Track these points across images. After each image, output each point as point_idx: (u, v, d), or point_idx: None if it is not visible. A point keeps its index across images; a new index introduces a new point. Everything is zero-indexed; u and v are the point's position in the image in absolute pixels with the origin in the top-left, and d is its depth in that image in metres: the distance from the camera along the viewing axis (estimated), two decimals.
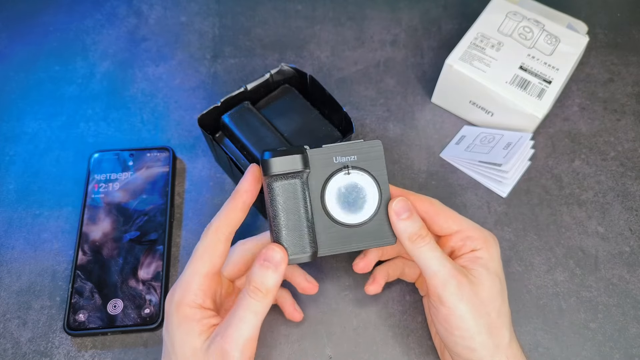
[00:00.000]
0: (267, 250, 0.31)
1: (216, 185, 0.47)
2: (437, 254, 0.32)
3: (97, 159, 0.47)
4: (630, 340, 0.40)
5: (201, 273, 0.32)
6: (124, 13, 0.58)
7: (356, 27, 0.58)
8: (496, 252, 0.35)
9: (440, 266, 0.32)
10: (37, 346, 0.40)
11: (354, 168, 0.33)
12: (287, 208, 0.32)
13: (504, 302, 0.33)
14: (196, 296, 0.31)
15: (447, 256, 0.32)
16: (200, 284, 0.32)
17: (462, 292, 0.31)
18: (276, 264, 0.31)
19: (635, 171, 0.48)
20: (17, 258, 0.43)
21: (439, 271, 0.32)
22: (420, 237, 0.32)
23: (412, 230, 0.32)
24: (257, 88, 0.47)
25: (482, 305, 0.32)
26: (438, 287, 0.32)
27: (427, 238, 0.32)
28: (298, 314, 0.39)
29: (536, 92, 0.46)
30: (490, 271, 0.33)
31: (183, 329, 0.31)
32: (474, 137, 0.49)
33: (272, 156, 0.31)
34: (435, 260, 0.32)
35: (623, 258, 0.44)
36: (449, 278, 0.31)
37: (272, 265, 0.31)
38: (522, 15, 0.50)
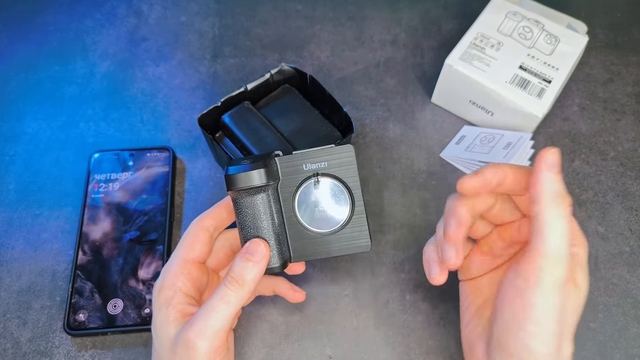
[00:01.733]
0: (250, 243, 0.31)
1: (216, 185, 0.47)
2: (567, 231, 0.26)
3: (97, 159, 0.47)
4: (630, 340, 0.40)
5: (182, 257, 0.33)
6: (124, 13, 0.58)
7: (356, 27, 0.58)
8: (587, 250, 0.30)
9: (563, 246, 0.26)
10: (37, 346, 0.40)
11: (324, 175, 0.32)
12: (254, 221, 0.32)
13: (576, 316, 0.29)
14: (176, 278, 0.32)
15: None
16: (181, 268, 0.32)
17: (564, 288, 0.27)
18: (258, 258, 0.31)
19: (635, 171, 0.48)
20: (17, 258, 0.43)
21: (558, 251, 0.26)
22: (567, 201, 0.27)
23: (559, 189, 0.27)
24: (257, 88, 0.47)
25: (570, 311, 0.28)
26: (546, 269, 0.26)
27: (570, 205, 0.27)
28: (300, 294, 0.38)
29: (536, 92, 0.46)
30: (586, 275, 0.29)
31: (162, 314, 0.31)
32: (474, 137, 0.49)
33: (235, 172, 0.31)
34: (561, 237, 0.26)
35: (623, 258, 0.44)
36: (563, 265, 0.26)
37: (253, 258, 0.31)
38: (522, 15, 0.50)
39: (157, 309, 0.32)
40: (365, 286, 0.42)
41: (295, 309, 0.41)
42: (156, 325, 0.32)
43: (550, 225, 0.26)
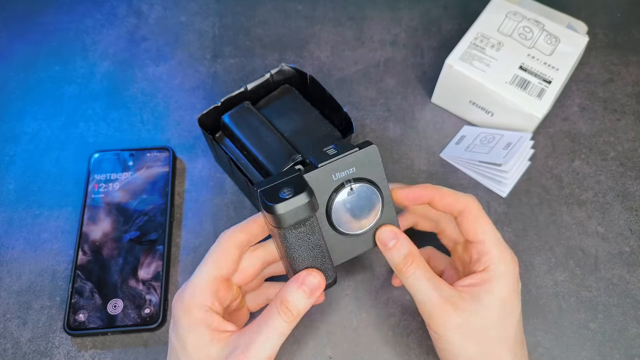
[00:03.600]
0: (307, 276, 0.30)
1: (216, 185, 0.47)
2: (424, 282, 0.31)
3: (97, 159, 0.47)
4: (630, 340, 0.40)
5: (213, 276, 0.31)
6: (124, 13, 0.58)
7: (356, 27, 0.58)
8: (511, 276, 0.32)
9: (427, 296, 0.31)
10: (37, 346, 0.40)
11: (355, 181, 0.32)
12: (305, 250, 0.31)
13: (507, 328, 0.32)
14: (206, 299, 0.31)
15: (437, 281, 0.32)
16: (211, 287, 0.31)
17: (449, 321, 0.31)
18: (313, 289, 0.30)
19: (635, 171, 0.48)
20: (17, 258, 0.43)
21: (425, 301, 0.31)
22: (406, 265, 0.32)
23: (397, 260, 0.32)
24: (257, 88, 0.47)
25: (474, 333, 0.31)
26: (424, 316, 0.32)
27: (413, 265, 0.32)
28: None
29: (536, 92, 0.46)
30: (495, 297, 0.32)
31: (195, 334, 0.30)
32: (474, 137, 0.49)
33: (284, 208, 0.28)
34: (422, 290, 0.31)
35: (623, 258, 0.44)
36: (435, 308, 0.31)
37: (309, 290, 0.30)
38: (522, 15, 0.50)
39: (187, 326, 0.31)
40: (365, 286, 0.42)
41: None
42: (188, 341, 0.30)
43: (412, 290, 0.32)
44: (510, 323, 0.32)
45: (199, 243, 0.44)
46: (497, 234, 0.33)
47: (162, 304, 0.40)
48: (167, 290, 0.41)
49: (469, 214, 0.33)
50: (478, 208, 0.33)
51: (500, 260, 0.32)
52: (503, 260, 0.32)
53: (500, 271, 0.32)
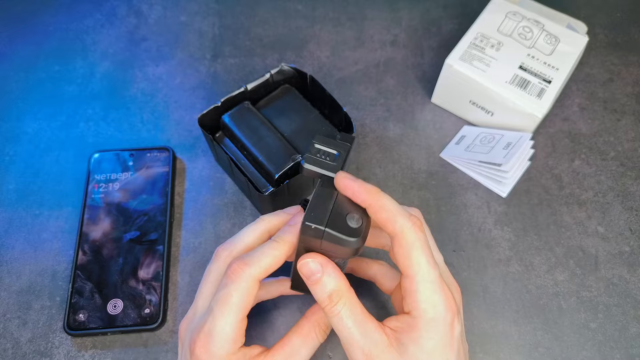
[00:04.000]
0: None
1: (216, 185, 0.47)
2: (349, 323, 0.28)
3: (97, 159, 0.47)
4: (630, 340, 0.40)
5: (239, 319, 0.29)
6: (124, 13, 0.58)
7: (356, 27, 0.58)
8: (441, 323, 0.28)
9: (350, 340, 0.28)
10: (37, 346, 0.40)
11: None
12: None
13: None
14: (235, 342, 0.29)
15: (364, 323, 0.29)
16: (238, 330, 0.29)
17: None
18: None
19: (635, 171, 0.48)
20: (17, 258, 0.43)
21: (350, 344, 0.29)
22: (332, 304, 0.29)
23: (321, 297, 0.29)
24: (257, 88, 0.47)
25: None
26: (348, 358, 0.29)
27: (339, 304, 0.29)
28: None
29: (536, 92, 0.46)
30: (421, 349, 0.28)
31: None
32: (474, 137, 0.49)
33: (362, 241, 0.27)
34: (346, 332, 0.28)
35: (623, 258, 0.44)
36: (358, 354, 0.28)
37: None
38: (521, 15, 0.50)
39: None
40: (365, 286, 0.42)
41: (295, 309, 0.41)
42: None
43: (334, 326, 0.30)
44: (449, 355, 0.28)
45: (199, 243, 0.44)
46: (433, 270, 0.28)
47: (162, 304, 0.40)
48: (167, 290, 0.41)
49: (401, 241, 0.28)
50: (415, 236, 0.28)
51: (429, 303, 0.28)
52: (433, 304, 0.28)
53: (427, 318, 0.28)
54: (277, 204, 0.43)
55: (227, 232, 0.45)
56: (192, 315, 0.32)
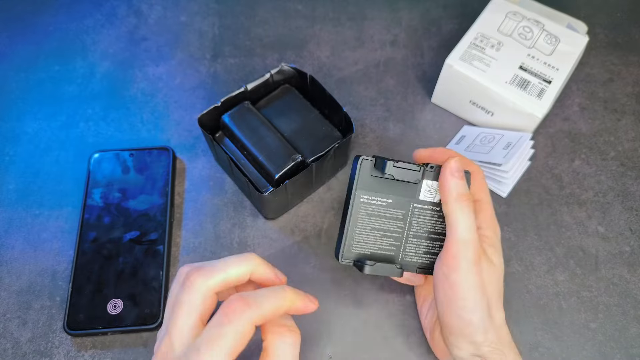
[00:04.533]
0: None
1: (216, 185, 0.47)
2: (472, 221, 0.32)
3: (97, 159, 0.47)
4: (630, 340, 0.40)
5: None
6: (124, 13, 0.58)
7: (356, 27, 0.58)
8: (499, 232, 0.36)
9: (469, 234, 0.32)
10: (37, 346, 0.40)
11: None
12: None
13: (502, 285, 0.35)
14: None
15: (476, 227, 0.33)
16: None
17: (478, 265, 0.32)
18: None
19: (635, 171, 0.48)
20: (17, 258, 0.43)
21: (466, 238, 0.32)
22: (465, 199, 0.33)
23: (461, 190, 0.33)
24: (257, 88, 0.47)
25: (490, 283, 0.33)
26: (459, 253, 0.32)
27: (470, 201, 0.33)
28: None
29: (536, 92, 0.46)
30: (498, 252, 0.35)
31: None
32: (474, 137, 0.49)
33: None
34: (467, 227, 0.32)
35: (623, 258, 0.44)
36: (472, 248, 0.32)
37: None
38: (522, 15, 0.50)
39: None
40: (365, 286, 0.42)
41: None
42: None
43: (457, 220, 0.33)
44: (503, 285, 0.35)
45: (199, 243, 0.44)
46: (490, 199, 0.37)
47: (162, 304, 0.40)
48: (167, 290, 0.41)
49: (477, 177, 0.37)
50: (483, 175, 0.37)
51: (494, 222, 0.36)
52: (496, 223, 0.37)
53: (497, 235, 0.36)
54: (277, 204, 0.43)
55: (227, 232, 0.45)
56: (166, 350, 0.27)
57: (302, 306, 0.29)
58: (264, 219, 0.45)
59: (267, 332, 0.29)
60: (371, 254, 0.35)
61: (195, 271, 0.28)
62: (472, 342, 0.32)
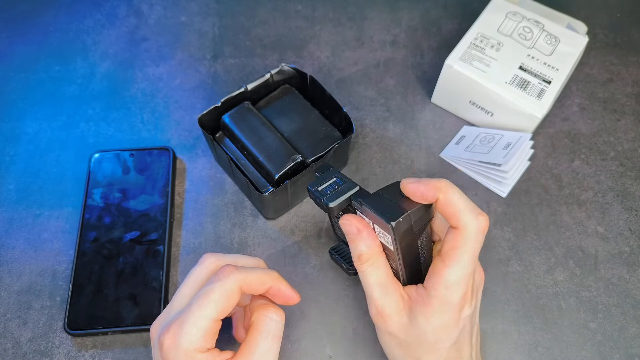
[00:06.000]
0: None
1: (216, 185, 0.47)
2: (372, 281, 0.32)
3: (97, 159, 0.47)
4: (629, 340, 0.40)
5: (212, 319, 0.29)
6: (124, 13, 0.58)
7: (356, 28, 0.58)
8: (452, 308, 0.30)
9: (369, 295, 0.32)
10: (37, 346, 0.40)
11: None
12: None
13: (439, 349, 0.31)
14: (206, 342, 0.29)
15: (386, 285, 0.32)
16: (211, 330, 0.29)
17: (383, 325, 0.32)
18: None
19: (635, 171, 0.48)
20: (17, 258, 0.43)
21: (368, 298, 0.32)
22: (361, 261, 0.32)
23: (354, 252, 0.32)
24: (257, 88, 0.47)
25: (402, 343, 0.32)
26: (372, 314, 0.33)
27: (368, 263, 0.32)
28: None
29: (536, 92, 0.46)
30: (429, 324, 0.31)
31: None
32: (473, 137, 0.49)
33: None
34: (367, 287, 0.32)
35: (623, 258, 0.44)
36: (373, 309, 0.32)
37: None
38: (522, 15, 0.50)
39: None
40: None
41: (295, 309, 0.41)
42: None
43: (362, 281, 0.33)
44: (444, 346, 0.31)
45: (199, 243, 0.44)
46: (468, 266, 0.30)
47: (162, 304, 0.40)
48: (167, 290, 0.41)
49: (459, 236, 0.30)
50: (474, 236, 0.29)
51: (449, 290, 0.30)
52: (452, 292, 0.30)
53: (442, 301, 0.30)
54: (277, 204, 0.43)
55: (227, 232, 0.45)
56: (166, 314, 0.31)
57: (286, 290, 0.32)
58: (264, 219, 0.45)
59: (254, 310, 0.31)
60: None
61: (232, 265, 0.31)
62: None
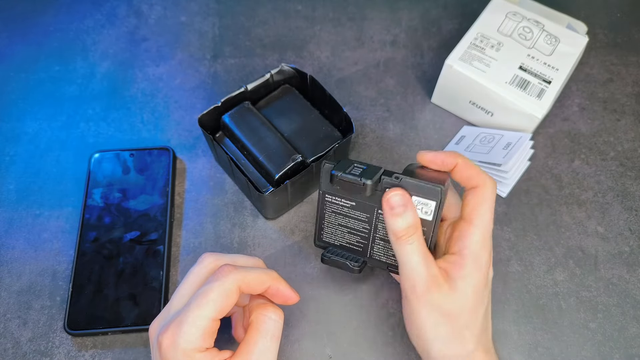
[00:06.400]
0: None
1: (216, 185, 0.47)
2: (416, 257, 0.32)
3: (97, 159, 0.47)
4: (629, 340, 0.40)
5: (211, 318, 0.29)
6: (124, 13, 0.58)
7: (356, 28, 0.58)
8: (483, 266, 0.33)
9: (415, 271, 0.32)
10: (37, 346, 0.40)
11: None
12: None
13: (476, 315, 0.33)
14: (204, 341, 0.29)
15: (429, 259, 0.32)
16: (209, 328, 0.29)
17: (429, 299, 0.32)
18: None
19: (634, 171, 0.48)
20: (17, 258, 0.43)
21: (414, 275, 0.32)
22: (407, 235, 0.32)
23: (401, 227, 0.32)
24: (257, 88, 0.47)
25: (446, 315, 0.32)
26: (406, 289, 0.32)
27: (413, 237, 0.32)
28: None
29: (536, 92, 0.46)
30: (468, 285, 0.32)
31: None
32: (473, 137, 0.49)
33: None
34: (413, 263, 0.32)
35: (623, 258, 0.44)
36: (419, 285, 0.31)
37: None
38: (522, 15, 0.50)
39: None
40: (365, 286, 0.42)
41: (295, 309, 0.41)
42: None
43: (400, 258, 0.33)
44: (480, 311, 0.33)
45: (199, 243, 0.44)
46: (490, 225, 0.33)
47: (162, 303, 0.40)
48: (168, 290, 0.41)
49: (478, 192, 0.33)
50: (492, 193, 0.33)
51: (478, 248, 0.32)
52: (480, 248, 0.32)
53: (474, 258, 0.32)
54: (277, 204, 0.43)
55: (227, 232, 0.45)
56: (165, 314, 0.31)
57: (285, 290, 0.32)
58: (264, 219, 0.45)
59: (253, 310, 0.31)
60: (340, 245, 0.38)
61: (230, 265, 0.31)
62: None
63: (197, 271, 0.32)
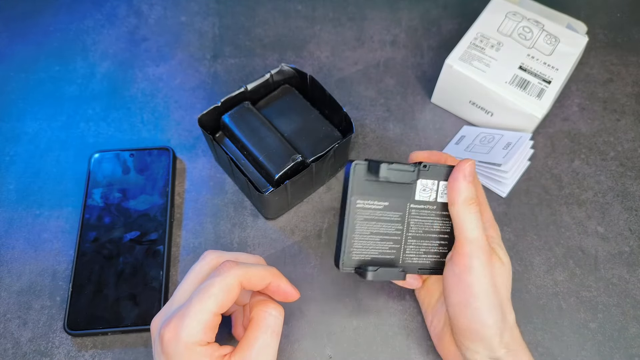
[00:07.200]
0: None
1: (216, 185, 0.47)
2: (480, 223, 0.33)
3: (97, 159, 0.47)
4: (629, 340, 0.40)
5: (213, 313, 0.29)
6: (124, 13, 0.58)
7: (356, 28, 0.58)
8: (499, 232, 0.37)
9: (479, 235, 0.32)
10: (37, 346, 0.40)
11: None
12: None
13: (509, 292, 0.34)
14: (205, 335, 0.29)
15: (484, 231, 0.33)
16: (211, 323, 0.29)
17: (490, 266, 0.32)
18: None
19: (634, 171, 0.48)
20: (17, 258, 0.43)
21: (477, 239, 0.32)
22: (475, 202, 0.33)
23: (470, 194, 0.33)
24: (257, 88, 0.47)
25: (502, 284, 0.33)
26: (471, 254, 0.32)
27: (477, 204, 0.33)
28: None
29: (536, 92, 0.46)
30: (504, 251, 0.35)
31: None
32: (473, 137, 0.49)
33: None
34: (476, 228, 0.32)
35: (623, 258, 0.44)
36: (483, 249, 0.32)
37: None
38: (521, 15, 0.50)
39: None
40: (365, 286, 0.42)
41: (295, 309, 0.41)
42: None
43: (465, 222, 0.32)
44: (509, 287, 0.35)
45: (199, 243, 0.44)
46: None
47: (162, 303, 0.40)
48: (168, 290, 0.41)
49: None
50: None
51: (493, 220, 0.37)
52: (494, 222, 0.37)
53: (497, 229, 0.37)
54: (277, 204, 0.43)
55: (227, 232, 0.45)
56: (166, 309, 0.32)
57: (286, 286, 0.33)
58: (264, 219, 0.45)
59: (254, 306, 0.32)
60: (371, 259, 0.35)
61: (232, 261, 0.31)
62: (488, 345, 0.32)
63: (199, 267, 0.33)
